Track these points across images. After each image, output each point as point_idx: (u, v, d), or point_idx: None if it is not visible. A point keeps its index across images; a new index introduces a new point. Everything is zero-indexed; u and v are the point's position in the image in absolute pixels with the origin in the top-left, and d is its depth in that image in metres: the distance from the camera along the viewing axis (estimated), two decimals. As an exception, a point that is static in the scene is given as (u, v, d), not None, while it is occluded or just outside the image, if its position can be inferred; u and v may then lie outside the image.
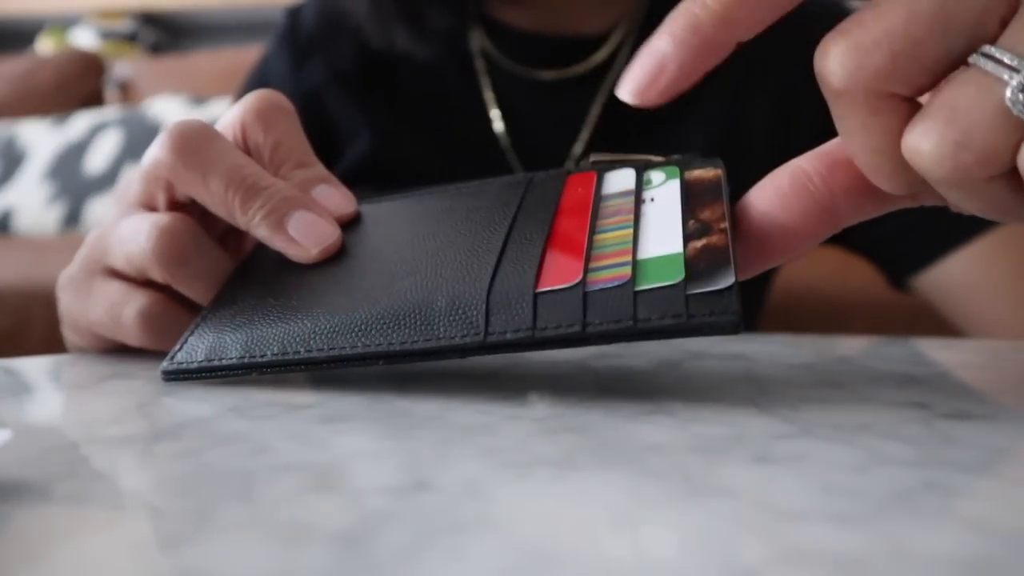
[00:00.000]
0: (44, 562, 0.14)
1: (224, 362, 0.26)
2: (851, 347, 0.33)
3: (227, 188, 0.28)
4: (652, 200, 0.26)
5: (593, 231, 0.25)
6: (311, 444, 0.20)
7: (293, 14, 0.62)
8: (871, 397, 0.24)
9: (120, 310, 0.30)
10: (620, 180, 0.27)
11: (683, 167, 0.27)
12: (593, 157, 0.28)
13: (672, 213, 0.25)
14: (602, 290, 0.23)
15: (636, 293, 0.22)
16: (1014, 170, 0.19)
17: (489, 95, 0.55)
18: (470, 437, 0.20)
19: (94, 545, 0.14)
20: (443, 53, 0.56)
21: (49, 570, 0.14)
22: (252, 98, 0.32)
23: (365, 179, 0.53)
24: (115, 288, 0.31)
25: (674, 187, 0.26)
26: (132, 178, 0.32)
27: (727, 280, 0.22)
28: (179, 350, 0.27)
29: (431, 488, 0.17)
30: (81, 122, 1.66)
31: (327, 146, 0.56)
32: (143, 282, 0.30)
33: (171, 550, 0.14)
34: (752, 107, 0.54)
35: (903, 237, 0.52)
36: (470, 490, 0.16)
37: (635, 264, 0.23)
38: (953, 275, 0.50)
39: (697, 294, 0.22)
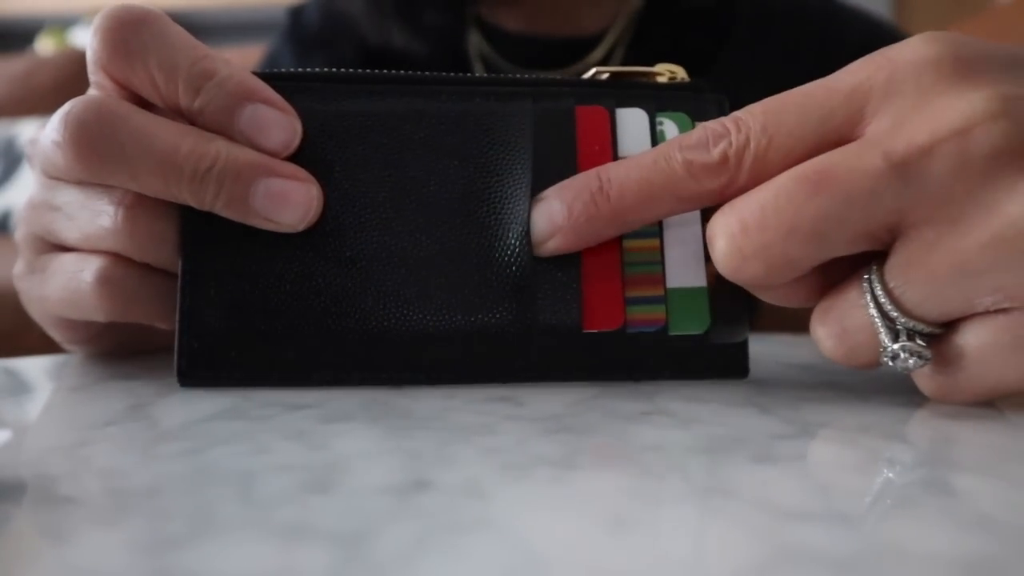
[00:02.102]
0: (44, 562, 0.14)
1: (265, 381, 0.25)
2: (851, 347, 0.33)
3: (167, 183, 0.24)
4: None
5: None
6: (311, 444, 0.20)
7: (295, 13, 0.62)
8: (871, 397, 0.24)
9: (77, 280, 0.26)
10: (634, 131, 0.27)
11: (693, 115, 0.27)
12: (595, 70, 0.28)
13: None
14: (641, 334, 0.25)
15: (668, 338, 0.25)
16: None
17: None
18: (470, 437, 0.20)
19: (94, 545, 0.14)
20: (441, 56, 0.56)
21: (49, 570, 0.14)
22: (97, 35, 0.25)
23: None
24: (69, 259, 0.27)
25: None
26: (40, 145, 0.26)
27: (742, 334, 0.26)
28: (199, 360, 0.25)
29: (431, 488, 0.17)
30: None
31: None
32: (97, 249, 0.26)
33: (171, 550, 0.14)
34: (746, 96, 0.55)
35: None
36: (470, 490, 0.16)
37: (666, 296, 0.25)
38: None
39: (717, 345, 0.26)
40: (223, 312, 0.25)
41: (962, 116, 0.20)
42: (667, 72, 0.27)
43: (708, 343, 0.26)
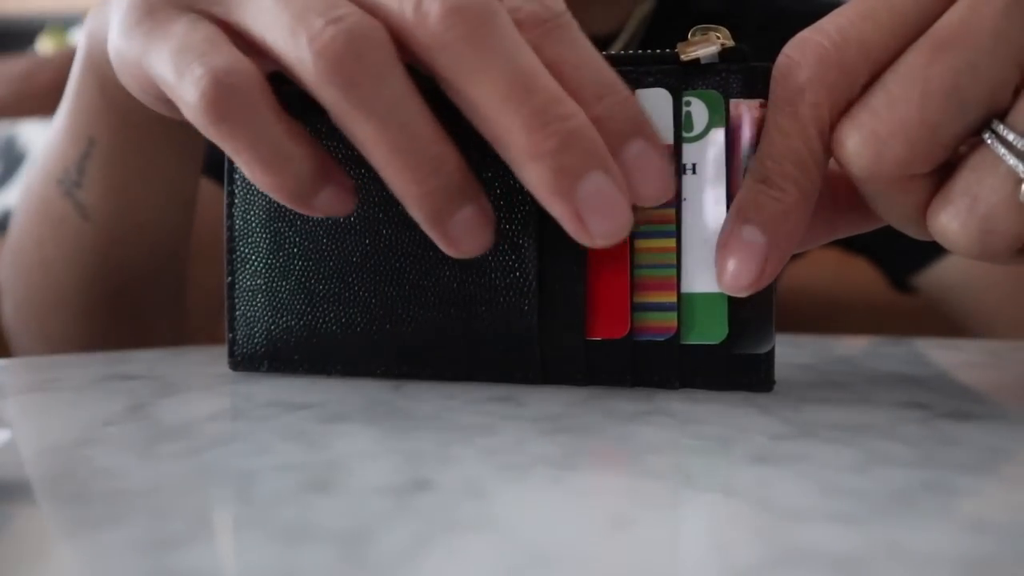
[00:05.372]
0: (44, 562, 0.14)
1: (300, 370, 0.27)
2: (851, 347, 0.33)
3: (507, 96, 0.20)
4: (693, 172, 0.24)
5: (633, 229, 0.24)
6: (311, 444, 0.20)
7: None
8: (871, 397, 0.24)
9: (194, 63, 0.21)
10: (656, 115, 0.24)
11: (726, 92, 0.24)
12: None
13: (716, 201, 0.24)
14: (650, 342, 0.24)
15: (681, 347, 0.24)
16: None
17: None
18: (470, 437, 0.20)
19: (94, 545, 0.14)
20: None
21: (49, 570, 0.14)
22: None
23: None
24: (205, 31, 0.22)
25: (717, 144, 0.24)
26: None
27: (767, 343, 0.24)
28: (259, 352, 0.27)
29: (431, 488, 0.17)
30: (81, 122, 1.66)
31: None
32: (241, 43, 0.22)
33: (171, 550, 0.14)
34: None
35: (903, 236, 0.52)
36: (470, 490, 0.16)
37: (680, 302, 0.24)
38: (954, 273, 0.50)
39: (738, 355, 0.24)
40: (265, 309, 0.27)
41: None
42: (715, 37, 0.24)
43: (726, 353, 0.24)
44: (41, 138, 1.66)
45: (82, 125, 0.37)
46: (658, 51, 0.24)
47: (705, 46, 0.23)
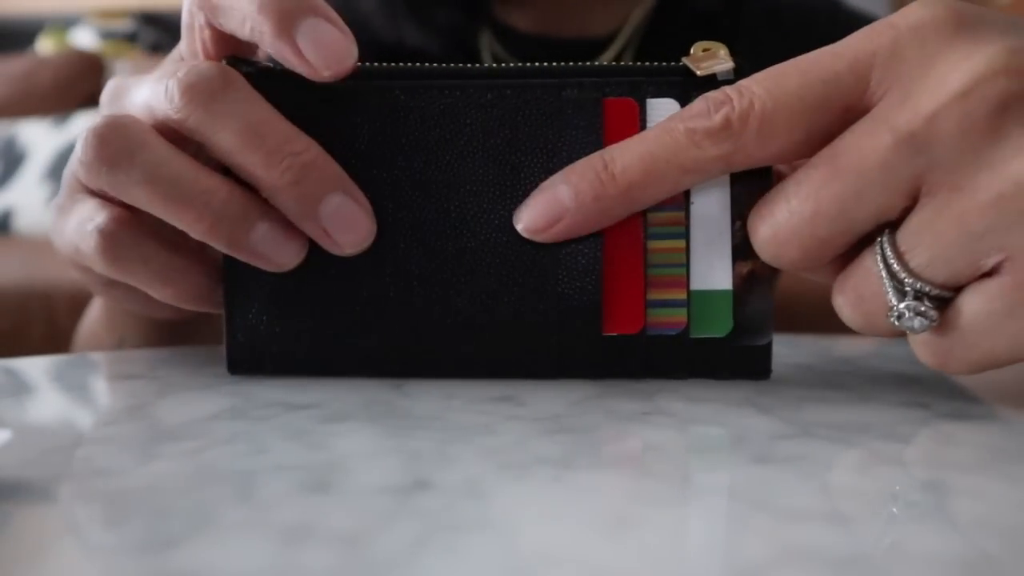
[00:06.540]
0: (44, 562, 0.14)
1: (302, 371, 0.27)
2: (851, 347, 0.33)
3: (244, 144, 0.24)
4: None
5: (647, 232, 0.25)
6: (311, 444, 0.20)
7: None
8: (871, 397, 0.24)
9: (85, 227, 0.26)
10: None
11: None
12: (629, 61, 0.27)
13: (722, 204, 0.25)
14: (662, 336, 0.25)
15: (690, 340, 0.25)
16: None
17: None
18: (470, 437, 0.20)
19: (94, 545, 0.14)
20: (453, 56, 0.56)
21: (49, 570, 0.14)
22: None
23: None
24: (89, 205, 0.26)
25: None
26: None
27: (766, 336, 0.26)
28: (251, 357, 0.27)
29: (431, 488, 0.17)
30: (81, 122, 1.66)
31: None
32: (117, 202, 0.26)
33: (171, 550, 0.14)
34: None
35: None
36: (470, 490, 0.16)
37: (689, 299, 0.25)
38: None
39: (740, 347, 0.26)
40: (263, 310, 0.26)
41: (964, 77, 0.20)
42: (723, 52, 0.25)
43: (730, 345, 0.25)
44: (41, 138, 1.67)
45: (113, 323, 0.40)
46: (664, 64, 0.26)
47: (720, 62, 0.25)
